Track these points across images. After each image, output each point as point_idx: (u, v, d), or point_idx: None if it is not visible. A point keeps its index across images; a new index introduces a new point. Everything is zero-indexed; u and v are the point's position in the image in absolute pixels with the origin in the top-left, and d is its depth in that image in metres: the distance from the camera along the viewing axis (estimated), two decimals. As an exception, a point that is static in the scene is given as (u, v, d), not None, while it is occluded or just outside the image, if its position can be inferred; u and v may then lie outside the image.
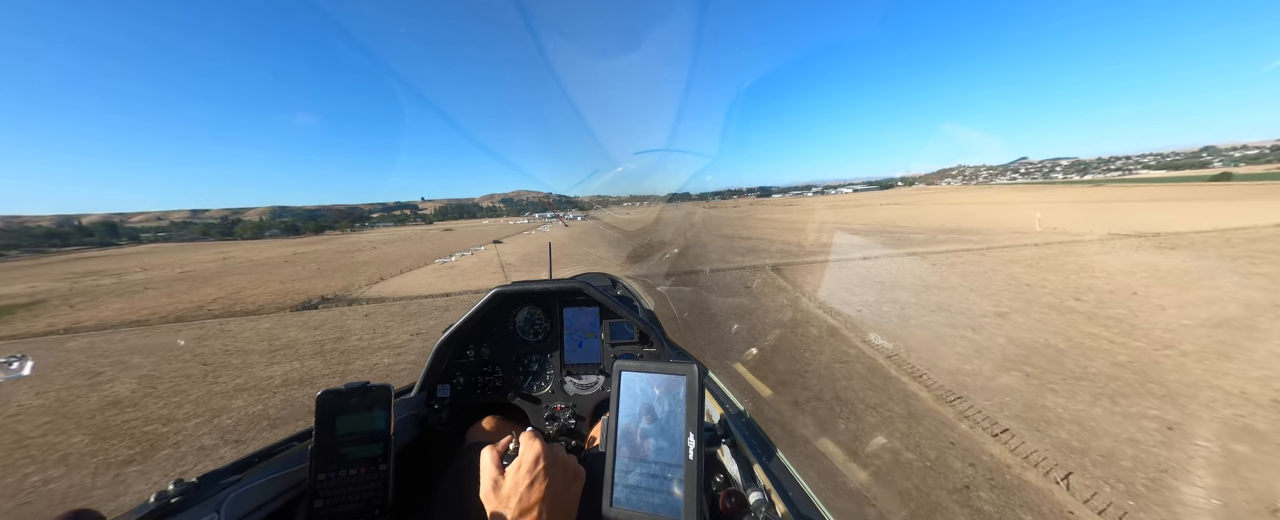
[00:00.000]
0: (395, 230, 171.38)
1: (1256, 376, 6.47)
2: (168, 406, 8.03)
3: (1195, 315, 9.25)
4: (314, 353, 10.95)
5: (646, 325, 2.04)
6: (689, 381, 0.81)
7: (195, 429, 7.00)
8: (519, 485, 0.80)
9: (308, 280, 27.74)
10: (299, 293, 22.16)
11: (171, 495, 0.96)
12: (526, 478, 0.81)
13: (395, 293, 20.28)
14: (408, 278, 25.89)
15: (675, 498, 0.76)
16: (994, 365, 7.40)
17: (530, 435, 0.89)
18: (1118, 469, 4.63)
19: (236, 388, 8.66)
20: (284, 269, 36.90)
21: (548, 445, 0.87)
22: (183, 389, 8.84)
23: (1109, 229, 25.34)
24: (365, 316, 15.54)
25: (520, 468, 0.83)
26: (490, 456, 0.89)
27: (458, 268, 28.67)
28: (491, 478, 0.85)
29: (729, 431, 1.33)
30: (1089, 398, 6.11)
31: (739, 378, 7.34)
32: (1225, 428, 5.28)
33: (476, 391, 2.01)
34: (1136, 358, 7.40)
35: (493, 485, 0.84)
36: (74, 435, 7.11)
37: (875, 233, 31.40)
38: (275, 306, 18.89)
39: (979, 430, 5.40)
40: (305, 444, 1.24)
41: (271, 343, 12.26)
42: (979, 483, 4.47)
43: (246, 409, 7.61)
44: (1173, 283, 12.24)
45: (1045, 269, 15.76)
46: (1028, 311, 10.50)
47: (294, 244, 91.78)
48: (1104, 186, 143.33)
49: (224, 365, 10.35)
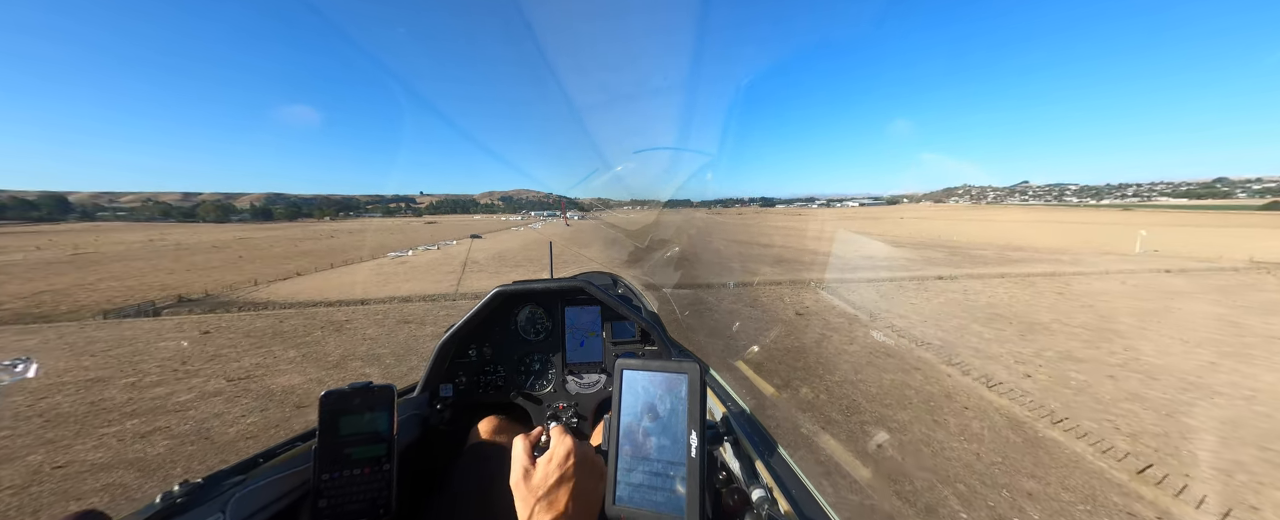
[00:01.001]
0: (379, 221, 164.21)
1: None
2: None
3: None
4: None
5: (648, 324, 1.98)
6: (691, 380, 0.81)
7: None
8: (549, 477, 0.81)
9: (202, 272, 21.49)
10: (161, 289, 16.02)
11: (177, 496, 0.94)
12: (557, 471, 0.81)
13: (295, 295, 14.34)
14: (338, 274, 19.89)
15: (678, 495, 0.76)
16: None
17: (561, 430, 0.89)
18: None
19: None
20: (205, 255, 30.46)
21: (578, 442, 0.86)
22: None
23: (1246, 255, 20.48)
24: (187, 342, 9.53)
25: (551, 460, 0.83)
26: (523, 445, 0.88)
27: (408, 264, 22.70)
28: (523, 466, 0.84)
29: (731, 429, 1.30)
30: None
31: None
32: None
33: (479, 391, 1.94)
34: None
35: (523, 474, 0.83)
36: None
37: (926, 246, 26.32)
38: (98, 309, 12.77)
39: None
40: (309, 444, 1.22)
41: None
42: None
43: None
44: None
45: (1240, 304, 10.80)
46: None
47: (254, 229, 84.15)
48: (1135, 211, 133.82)
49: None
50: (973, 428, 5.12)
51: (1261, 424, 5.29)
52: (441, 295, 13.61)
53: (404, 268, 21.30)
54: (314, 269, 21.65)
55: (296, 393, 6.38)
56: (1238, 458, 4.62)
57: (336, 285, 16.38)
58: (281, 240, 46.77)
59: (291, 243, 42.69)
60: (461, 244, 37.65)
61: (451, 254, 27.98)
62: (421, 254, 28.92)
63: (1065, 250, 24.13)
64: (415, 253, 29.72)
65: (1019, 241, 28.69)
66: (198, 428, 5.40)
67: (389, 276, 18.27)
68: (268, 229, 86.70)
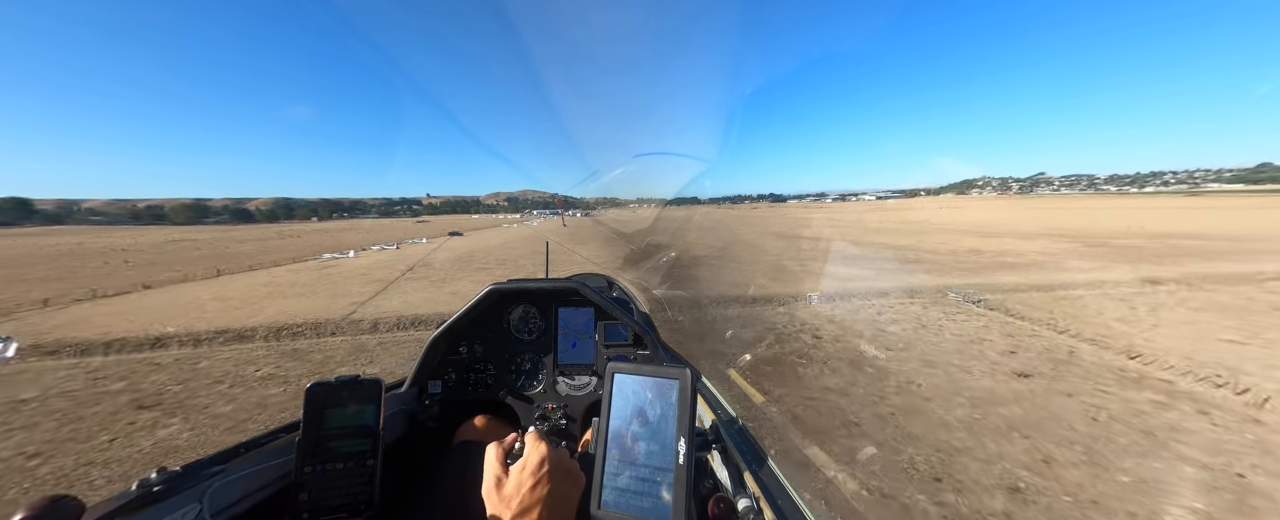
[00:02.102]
0: (372, 221, 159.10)
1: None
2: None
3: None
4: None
5: (641, 328, 1.93)
6: (682, 386, 0.80)
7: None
8: (522, 485, 0.79)
9: (19, 285, 15.05)
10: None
11: (154, 484, 0.90)
12: (530, 479, 0.79)
13: (82, 324, 8.07)
14: (216, 284, 13.60)
15: (664, 502, 0.75)
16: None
17: (535, 436, 0.87)
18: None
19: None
20: (82, 262, 23.96)
21: (553, 448, 0.85)
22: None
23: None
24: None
25: (524, 468, 0.81)
26: (495, 454, 0.87)
27: (332, 270, 16.50)
28: (495, 475, 0.83)
29: (720, 437, 1.27)
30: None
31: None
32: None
33: (468, 389, 1.88)
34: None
35: (496, 483, 0.82)
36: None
37: (1064, 238, 20.26)
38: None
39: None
40: (292, 436, 1.18)
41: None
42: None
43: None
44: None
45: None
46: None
47: (212, 230, 76.67)
48: (1201, 196, 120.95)
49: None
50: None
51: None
52: (320, 324, 7.50)
53: (319, 275, 15.05)
54: (189, 278, 15.34)
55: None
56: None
57: (178, 305, 10.12)
58: (219, 241, 40.07)
59: (225, 244, 36.09)
60: (433, 242, 31.78)
61: (405, 255, 21.78)
62: (367, 255, 22.61)
63: (1251, 236, 18.47)
64: (359, 254, 23.38)
65: (1160, 229, 22.96)
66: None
67: (282, 289, 12.03)
68: (226, 230, 79.32)
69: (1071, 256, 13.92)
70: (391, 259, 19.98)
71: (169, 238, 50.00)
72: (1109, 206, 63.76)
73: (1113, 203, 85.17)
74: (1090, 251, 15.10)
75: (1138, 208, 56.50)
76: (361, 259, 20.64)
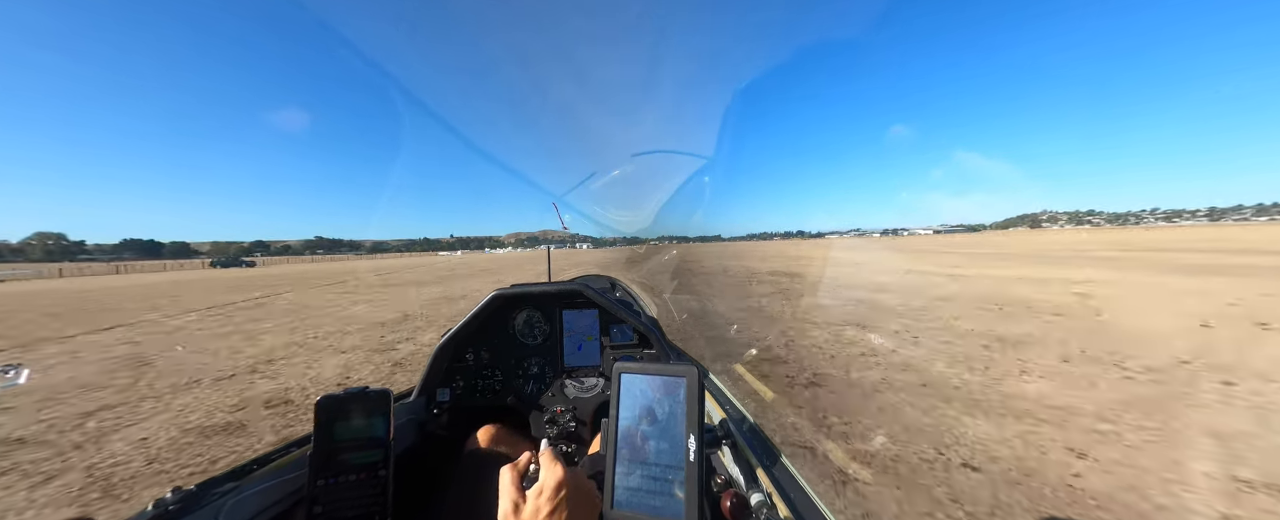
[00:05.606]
0: (375, 260, 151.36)
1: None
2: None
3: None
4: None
5: (646, 327, 1.95)
6: (689, 383, 0.79)
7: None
8: (539, 511, 0.77)
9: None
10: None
11: (170, 503, 0.91)
12: (548, 505, 0.77)
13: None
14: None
15: (676, 499, 0.75)
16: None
17: (551, 458, 0.84)
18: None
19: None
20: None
21: (570, 471, 0.83)
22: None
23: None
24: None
25: (541, 493, 0.79)
26: (510, 477, 0.84)
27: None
28: (512, 499, 0.81)
29: (730, 434, 1.27)
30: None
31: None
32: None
33: (476, 395, 1.90)
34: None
35: (513, 508, 0.80)
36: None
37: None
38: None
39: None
40: (304, 450, 1.20)
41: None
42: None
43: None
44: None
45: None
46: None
47: (175, 272, 69.34)
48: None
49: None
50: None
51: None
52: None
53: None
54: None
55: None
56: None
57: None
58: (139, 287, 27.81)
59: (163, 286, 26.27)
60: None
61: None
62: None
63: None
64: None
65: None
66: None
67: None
68: (184, 270, 68.31)
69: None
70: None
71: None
72: (1227, 239, 42.03)
73: (1219, 235, 56.76)
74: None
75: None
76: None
